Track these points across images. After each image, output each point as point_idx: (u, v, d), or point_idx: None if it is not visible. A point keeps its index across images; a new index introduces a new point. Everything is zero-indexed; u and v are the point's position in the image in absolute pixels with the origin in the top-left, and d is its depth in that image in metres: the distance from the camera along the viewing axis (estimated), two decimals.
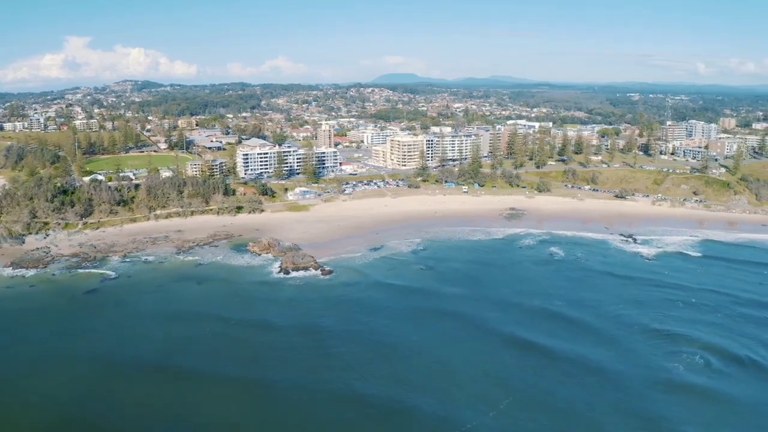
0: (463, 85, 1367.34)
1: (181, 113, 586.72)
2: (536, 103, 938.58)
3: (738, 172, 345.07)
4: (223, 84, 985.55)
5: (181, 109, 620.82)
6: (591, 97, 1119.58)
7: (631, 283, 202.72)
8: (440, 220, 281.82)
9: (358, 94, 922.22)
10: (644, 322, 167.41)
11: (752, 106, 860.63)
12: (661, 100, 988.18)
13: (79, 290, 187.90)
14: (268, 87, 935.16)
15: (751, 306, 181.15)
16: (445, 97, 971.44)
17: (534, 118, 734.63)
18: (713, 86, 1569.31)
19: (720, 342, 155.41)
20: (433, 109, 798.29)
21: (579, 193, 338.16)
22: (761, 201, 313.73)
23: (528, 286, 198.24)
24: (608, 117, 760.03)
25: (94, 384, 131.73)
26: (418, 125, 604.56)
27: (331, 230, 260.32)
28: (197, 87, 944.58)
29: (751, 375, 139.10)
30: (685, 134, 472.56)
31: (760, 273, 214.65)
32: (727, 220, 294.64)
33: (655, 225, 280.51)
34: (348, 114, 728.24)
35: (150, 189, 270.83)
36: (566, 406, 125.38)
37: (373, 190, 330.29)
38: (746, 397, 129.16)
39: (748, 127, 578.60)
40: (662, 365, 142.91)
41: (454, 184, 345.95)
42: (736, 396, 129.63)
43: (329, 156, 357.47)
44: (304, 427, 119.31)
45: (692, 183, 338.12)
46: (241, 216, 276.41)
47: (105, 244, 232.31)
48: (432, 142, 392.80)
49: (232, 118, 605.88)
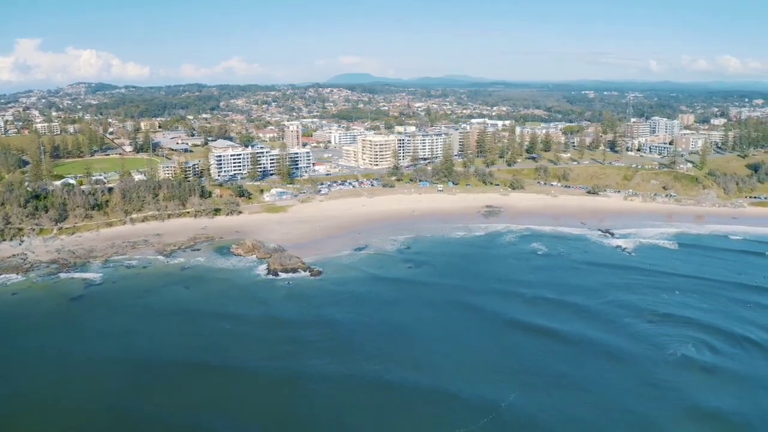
0: (419, 85, 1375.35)
1: (140, 115, 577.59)
2: (494, 101, 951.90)
3: (704, 167, 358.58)
4: (179, 85, 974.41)
5: (140, 111, 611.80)
6: (547, 95, 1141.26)
7: (618, 272, 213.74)
8: (419, 219, 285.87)
9: (316, 95, 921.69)
10: (640, 306, 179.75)
11: (707, 102, 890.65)
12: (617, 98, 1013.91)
13: (64, 297, 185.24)
14: (225, 88, 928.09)
15: (736, 289, 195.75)
16: (403, 97, 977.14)
17: (495, 116, 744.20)
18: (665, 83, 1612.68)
19: (713, 321, 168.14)
20: (395, 108, 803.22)
21: (552, 190, 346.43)
22: (729, 195, 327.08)
23: (521, 277, 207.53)
24: (568, 115, 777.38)
25: (131, 383, 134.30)
26: (382, 125, 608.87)
27: (312, 231, 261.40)
28: (153, 89, 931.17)
29: (746, 351, 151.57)
30: (648, 131, 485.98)
31: (737, 260, 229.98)
32: (698, 213, 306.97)
33: (629, 219, 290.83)
34: (309, 114, 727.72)
35: (125, 192, 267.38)
36: (585, 383, 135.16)
37: (348, 189, 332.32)
38: (745, 370, 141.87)
39: (706, 123, 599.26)
40: (665, 344, 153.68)
41: (429, 183, 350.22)
42: (736, 369, 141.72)
43: (302, 156, 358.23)
44: (339, 413, 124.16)
45: (661, 178, 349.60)
46: (219, 218, 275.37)
47: (83, 249, 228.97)
48: (403, 142, 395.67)
49: (192, 119, 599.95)
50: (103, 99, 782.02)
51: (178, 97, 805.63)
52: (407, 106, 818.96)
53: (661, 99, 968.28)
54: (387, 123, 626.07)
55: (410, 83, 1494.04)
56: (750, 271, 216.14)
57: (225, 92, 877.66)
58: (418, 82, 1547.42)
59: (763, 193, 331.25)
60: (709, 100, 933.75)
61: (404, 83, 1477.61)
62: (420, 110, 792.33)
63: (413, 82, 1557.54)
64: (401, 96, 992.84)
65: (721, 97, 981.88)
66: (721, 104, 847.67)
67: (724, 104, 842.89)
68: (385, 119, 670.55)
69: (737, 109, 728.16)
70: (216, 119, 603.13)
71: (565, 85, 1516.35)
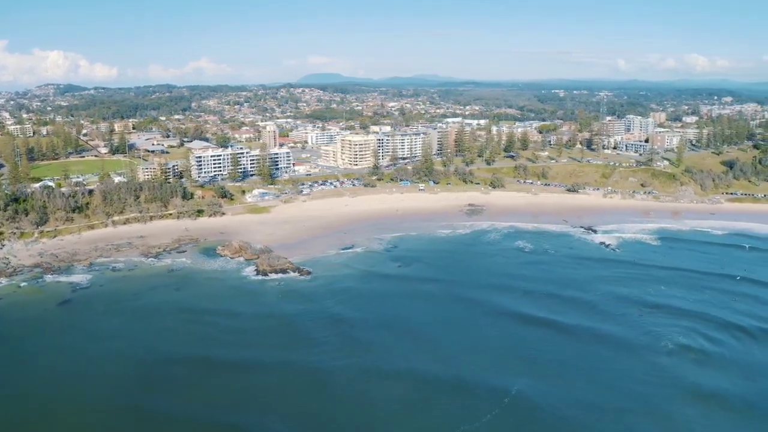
0: (389, 84, 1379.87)
1: (112, 116, 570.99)
2: (466, 101, 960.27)
3: (681, 164, 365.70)
4: (148, 86, 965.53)
5: (111, 112, 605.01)
6: (517, 94, 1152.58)
7: (605, 266, 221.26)
8: (403, 218, 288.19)
9: (288, 95, 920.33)
10: (632, 297, 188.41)
11: (676, 100, 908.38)
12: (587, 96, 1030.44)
13: (52, 301, 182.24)
14: (196, 89, 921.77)
15: (721, 280, 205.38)
16: (375, 97, 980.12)
17: (468, 115, 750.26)
18: (633, 81, 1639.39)
19: (703, 310, 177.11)
20: (368, 108, 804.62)
21: (532, 188, 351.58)
22: (706, 191, 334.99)
23: (512, 272, 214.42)
24: (540, 114, 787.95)
25: (147, 379, 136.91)
26: (357, 125, 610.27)
27: (297, 231, 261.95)
28: (122, 90, 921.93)
29: (735, 337, 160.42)
30: (624, 129, 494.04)
31: (719, 253, 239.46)
32: (677, 210, 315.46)
33: (610, 216, 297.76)
34: (283, 115, 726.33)
35: (105, 194, 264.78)
36: (588, 369, 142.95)
37: (330, 189, 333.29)
38: (737, 354, 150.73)
39: (678, 121, 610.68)
40: (660, 332, 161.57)
41: (410, 183, 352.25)
42: (728, 354, 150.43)
43: (282, 157, 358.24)
44: (363, 404, 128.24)
45: (639, 176, 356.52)
46: (201, 219, 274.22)
47: (66, 252, 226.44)
48: (383, 141, 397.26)
49: (165, 120, 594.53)
50: (72, 100, 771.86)
51: (149, 98, 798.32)
52: (381, 106, 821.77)
53: (630, 97, 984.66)
54: (362, 123, 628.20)
55: (381, 83, 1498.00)
56: (732, 263, 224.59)
57: (196, 93, 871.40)
58: (389, 82, 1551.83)
59: (739, 190, 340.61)
60: (679, 98, 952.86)
61: (375, 83, 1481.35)
62: (394, 110, 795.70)
63: (384, 82, 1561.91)
64: (373, 96, 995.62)
65: (689, 95, 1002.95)
66: (691, 102, 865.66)
67: (694, 102, 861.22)
68: (359, 119, 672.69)
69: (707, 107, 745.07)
70: (189, 120, 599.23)
71: (534, 84, 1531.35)
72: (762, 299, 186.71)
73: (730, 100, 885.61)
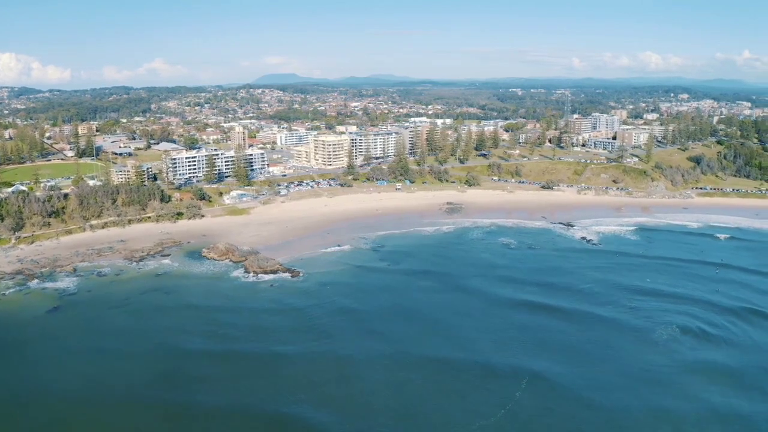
0: (346, 84, 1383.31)
1: (71, 119, 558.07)
2: (427, 100, 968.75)
3: (650, 160, 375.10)
4: (104, 88, 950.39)
5: (70, 115, 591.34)
6: (476, 93, 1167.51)
7: (592, 258, 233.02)
8: (384, 217, 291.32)
9: (248, 96, 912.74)
10: (624, 284, 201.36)
11: (633, 97, 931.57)
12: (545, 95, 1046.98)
13: (40, 308, 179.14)
14: (153, 90, 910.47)
15: (702, 266, 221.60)
16: (336, 97, 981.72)
17: (432, 114, 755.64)
18: (589, 80, 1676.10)
19: (691, 293, 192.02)
20: (331, 108, 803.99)
21: (508, 186, 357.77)
22: (676, 186, 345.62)
23: (504, 264, 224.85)
24: (502, 112, 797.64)
25: (177, 372, 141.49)
26: (323, 125, 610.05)
27: (281, 232, 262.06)
28: (78, 92, 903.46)
29: (724, 316, 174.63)
30: (590, 127, 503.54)
31: (697, 243, 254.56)
32: (650, 205, 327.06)
33: (586, 212, 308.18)
34: (245, 116, 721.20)
35: (82, 198, 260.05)
36: (595, 349, 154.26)
37: (307, 190, 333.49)
38: (730, 332, 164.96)
39: (639, 118, 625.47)
40: (657, 314, 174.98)
41: (386, 182, 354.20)
42: (722, 332, 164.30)
43: (257, 158, 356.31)
44: (395, 389, 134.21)
45: (611, 172, 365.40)
46: (181, 222, 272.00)
47: (47, 258, 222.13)
48: (356, 141, 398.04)
49: (126, 122, 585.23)
50: (29, 103, 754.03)
51: (106, 100, 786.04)
52: (344, 106, 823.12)
53: (588, 95, 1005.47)
54: (327, 123, 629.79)
55: (338, 83, 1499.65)
56: (710, 252, 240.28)
57: (154, 94, 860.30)
58: (346, 82, 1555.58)
59: (708, 184, 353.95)
60: (636, 95, 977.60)
61: (332, 83, 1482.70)
62: (357, 110, 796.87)
63: (341, 82, 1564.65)
64: (333, 96, 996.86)
65: (646, 92, 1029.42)
66: (647, 99, 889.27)
67: (650, 99, 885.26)
68: (324, 119, 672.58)
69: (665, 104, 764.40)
70: (151, 122, 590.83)
71: (492, 83, 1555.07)
72: (741, 282, 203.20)
73: (687, 97, 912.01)
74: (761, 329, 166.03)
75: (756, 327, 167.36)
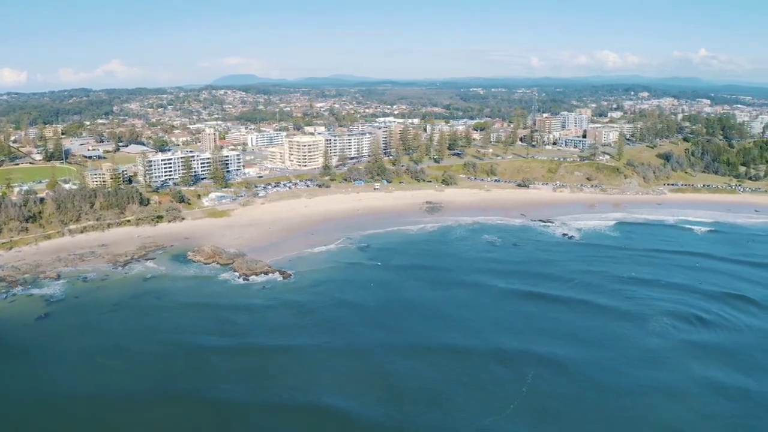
0: (305, 85, 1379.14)
1: (33, 123, 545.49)
2: (391, 100, 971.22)
3: (622, 158, 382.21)
4: (63, 91, 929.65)
5: (33, 117, 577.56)
6: (437, 92, 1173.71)
7: (578, 251, 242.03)
8: (366, 217, 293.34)
9: (211, 97, 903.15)
10: (613, 274, 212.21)
11: (594, 96, 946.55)
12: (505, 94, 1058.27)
13: (29, 316, 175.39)
14: (113, 92, 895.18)
15: (683, 258, 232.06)
16: (299, 98, 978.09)
17: (398, 114, 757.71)
18: (548, 79, 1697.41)
19: (680, 282, 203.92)
20: (297, 109, 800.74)
21: (484, 185, 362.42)
22: (649, 183, 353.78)
23: (494, 258, 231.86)
24: (468, 112, 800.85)
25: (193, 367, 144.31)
26: (291, 126, 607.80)
27: (264, 234, 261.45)
28: (37, 95, 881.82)
29: (713, 300, 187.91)
30: (560, 125, 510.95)
31: (676, 236, 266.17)
32: (625, 201, 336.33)
33: (563, 209, 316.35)
34: (210, 117, 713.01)
35: (59, 203, 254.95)
36: (596, 334, 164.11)
37: (286, 191, 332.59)
38: (715, 315, 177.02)
39: (604, 116, 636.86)
40: (649, 300, 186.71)
41: (364, 182, 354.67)
42: (708, 316, 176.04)
43: (233, 160, 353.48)
44: (418, 378, 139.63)
45: (584, 170, 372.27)
46: (162, 225, 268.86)
47: (28, 264, 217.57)
48: (330, 142, 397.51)
49: (89, 125, 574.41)
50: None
51: (67, 102, 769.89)
52: (309, 107, 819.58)
53: (548, 94, 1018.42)
54: (295, 124, 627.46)
55: (297, 83, 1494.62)
56: (688, 243, 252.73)
57: (114, 96, 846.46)
58: (305, 82, 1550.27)
59: (679, 181, 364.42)
60: (596, 94, 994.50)
61: (291, 83, 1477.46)
62: (323, 110, 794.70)
63: (300, 82, 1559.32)
64: (296, 96, 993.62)
65: (606, 91, 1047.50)
66: (608, 98, 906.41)
67: (612, 98, 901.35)
68: (291, 120, 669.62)
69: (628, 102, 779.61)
70: (115, 124, 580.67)
71: (452, 82, 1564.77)
72: (723, 272, 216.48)
73: (647, 95, 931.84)
74: (748, 313, 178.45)
75: (743, 311, 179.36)
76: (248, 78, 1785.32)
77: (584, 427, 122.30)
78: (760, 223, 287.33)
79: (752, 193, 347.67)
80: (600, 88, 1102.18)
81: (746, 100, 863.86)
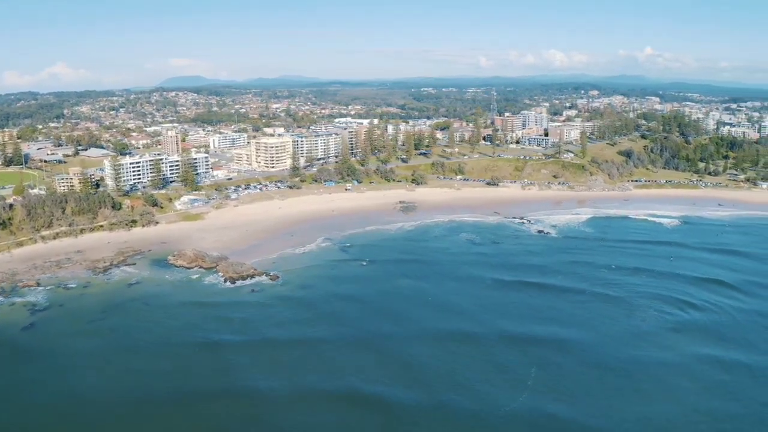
0: (255, 86, 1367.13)
1: None
2: (345, 100, 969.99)
3: (586, 155, 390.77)
4: (9, 94, 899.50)
5: None
6: (389, 93, 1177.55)
7: (559, 245, 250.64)
8: (342, 218, 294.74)
9: (162, 99, 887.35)
10: (596, 264, 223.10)
11: (546, 95, 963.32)
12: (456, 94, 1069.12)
13: (15, 326, 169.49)
14: (62, 95, 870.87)
15: (662, 246, 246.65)
16: (251, 99, 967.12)
17: (354, 115, 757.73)
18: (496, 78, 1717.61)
19: (660, 269, 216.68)
20: (253, 110, 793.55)
21: (454, 184, 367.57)
22: (614, 180, 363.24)
23: (480, 252, 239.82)
24: (423, 111, 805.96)
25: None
26: (250, 127, 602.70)
27: (242, 236, 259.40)
28: None
29: (695, 284, 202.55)
30: (521, 124, 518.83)
31: (648, 228, 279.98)
32: (593, 197, 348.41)
33: (534, 206, 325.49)
34: (164, 119, 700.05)
35: (29, 208, 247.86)
36: (590, 316, 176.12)
37: (258, 193, 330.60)
38: (697, 299, 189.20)
39: (559, 115, 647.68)
40: (634, 286, 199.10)
41: (334, 183, 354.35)
42: (692, 299, 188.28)
43: (201, 162, 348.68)
44: (433, 360, 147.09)
45: (550, 168, 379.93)
46: (136, 230, 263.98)
47: (3, 273, 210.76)
48: (298, 143, 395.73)
49: (42, 128, 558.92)
50: None
51: (14, 106, 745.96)
52: (265, 108, 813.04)
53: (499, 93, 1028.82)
54: (253, 125, 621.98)
55: (246, 84, 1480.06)
56: (663, 234, 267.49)
57: (63, 99, 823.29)
58: (254, 83, 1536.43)
59: (642, 177, 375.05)
60: (547, 92, 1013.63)
61: (240, 84, 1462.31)
62: (279, 111, 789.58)
63: (249, 83, 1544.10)
64: (248, 98, 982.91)
65: (555, 89, 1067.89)
66: (559, 96, 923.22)
67: (562, 96, 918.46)
68: (248, 121, 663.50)
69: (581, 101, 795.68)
70: (68, 128, 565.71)
71: (402, 82, 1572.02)
72: (698, 259, 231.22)
73: (597, 93, 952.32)
74: (726, 296, 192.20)
75: (721, 295, 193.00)
76: (196, 79, 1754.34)
77: (597, 400, 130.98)
78: (725, 215, 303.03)
79: (714, 188, 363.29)
80: (550, 87, 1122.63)
81: (694, 97, 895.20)
